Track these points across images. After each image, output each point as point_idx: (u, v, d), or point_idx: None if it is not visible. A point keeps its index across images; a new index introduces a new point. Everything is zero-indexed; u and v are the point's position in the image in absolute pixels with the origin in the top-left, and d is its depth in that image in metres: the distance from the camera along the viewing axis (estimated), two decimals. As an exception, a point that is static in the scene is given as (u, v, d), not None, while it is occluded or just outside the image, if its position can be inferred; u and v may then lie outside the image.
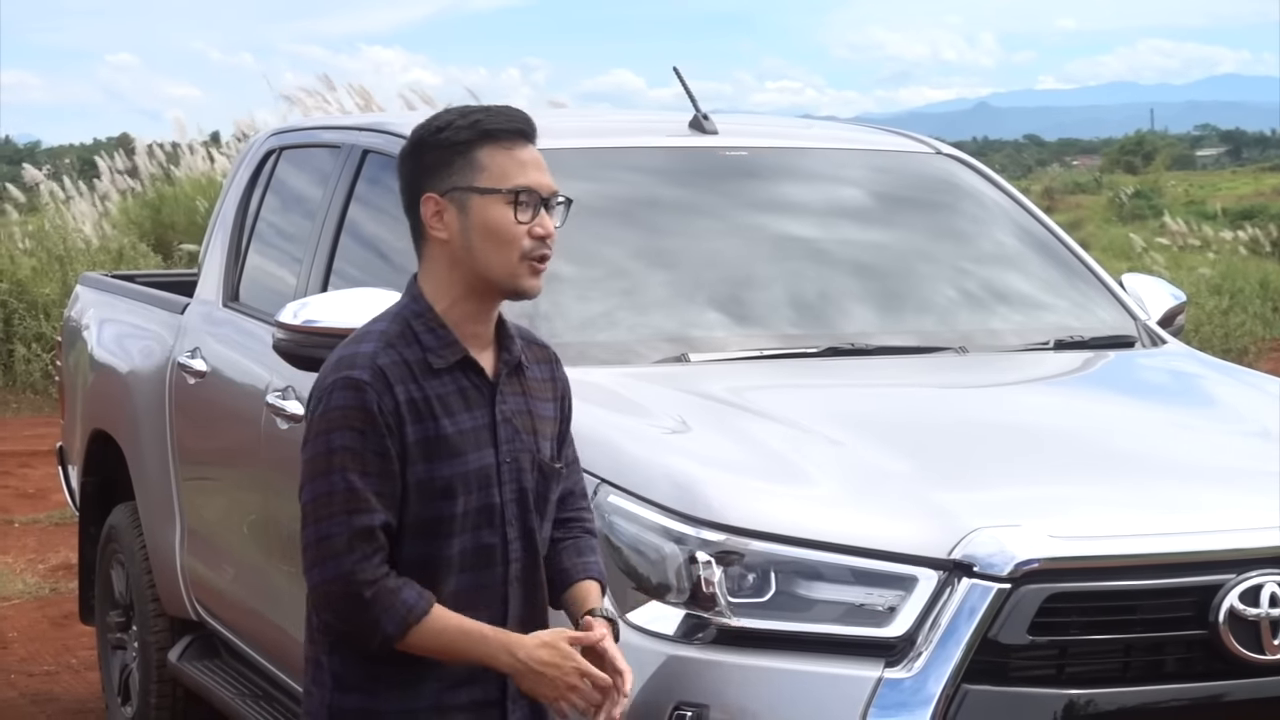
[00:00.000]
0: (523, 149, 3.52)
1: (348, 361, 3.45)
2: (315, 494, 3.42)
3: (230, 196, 6.92)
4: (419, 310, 3.51)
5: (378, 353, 3.44)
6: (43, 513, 11.58)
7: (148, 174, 19.67)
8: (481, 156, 3.49)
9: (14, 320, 16.47)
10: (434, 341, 3.48)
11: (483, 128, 3.50)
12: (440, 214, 3.50)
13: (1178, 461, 4.61)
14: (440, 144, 3.51)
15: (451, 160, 3.50)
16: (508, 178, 3.48)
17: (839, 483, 4.27)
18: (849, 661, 3.98)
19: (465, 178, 3.49)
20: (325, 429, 3.42)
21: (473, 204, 3.48)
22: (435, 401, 3.46)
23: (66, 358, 7.81)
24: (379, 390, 3.41)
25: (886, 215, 5.88)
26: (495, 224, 3.47)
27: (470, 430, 3.49)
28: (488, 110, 3.55)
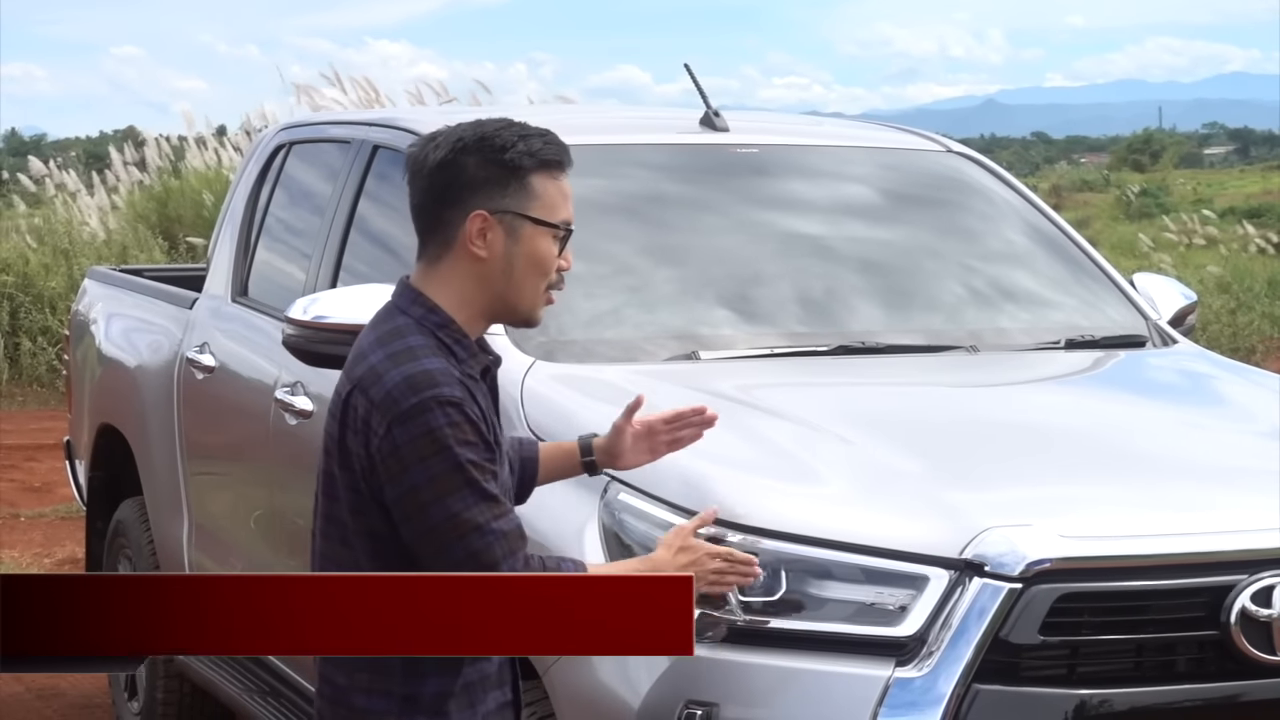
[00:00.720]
0: (565, 180, 3.50)
1: (425, 380, 3.34)
2: (452, 512, 3.34)
3: (239, 191, 6.91)
4: (441, 321, 3.44)
5: (447, 367, 3.37)
6: (49, 507, 11.58)
7: (155, 167, 19.67)
8: (536, 184, 3.45)
9: (20, 314, 16.47)
10: (463, 352, 3.44)
11: (542, 157, 3.45)
12: (485, 232, 3.44)
13: (1189, 462, 4.60)
14: (499, 161, 3.44)
15: (508, 182, 3.44)
16: (557, 211, 3.47)
17: (850, 481, 4.26)
18: (860, 661, 3.97)
19: (520, 203, 3.44)
20: (435, 450, 3.32)
21: (524, 231, 3.44)
22: (487, 407, 3.45)
23: (74, 352, 7.81)
24: (469, 402, 3.36)
25: (897, 213, 5.87)
26: (542, 256, 3.45)
27: (501, 438, 3.51)
28: (544, 136, 3.49)
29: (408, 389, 3.34)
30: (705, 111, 5.91)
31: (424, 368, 3.36)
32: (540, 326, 4.52)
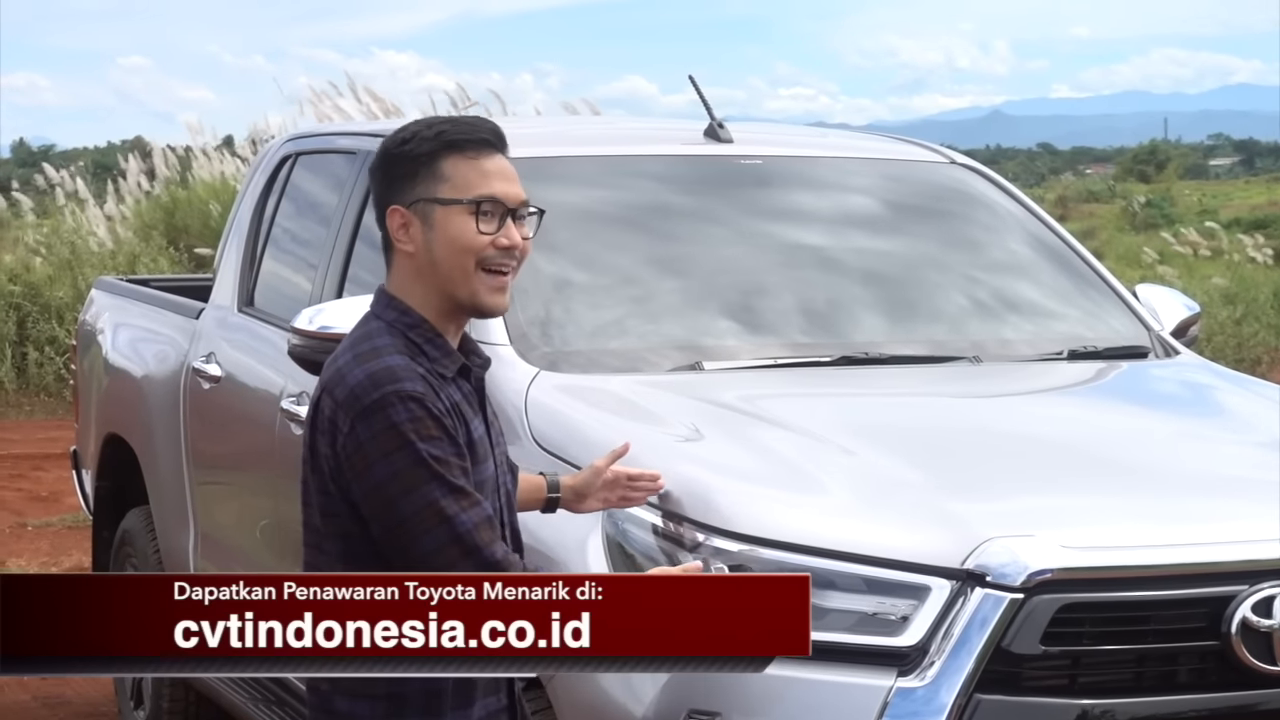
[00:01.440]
0: (489, 159, 3.44)
1: (387, 376, 3.34)
2: (419, 506, 3.33)
3: (246, 202, 6.93)
4: (413, 322, 3.43)
5: (410, 363, 3.37)
6: (56, 516, 11.60)
7: (162, 177, 19.71)
8: (445, 167, 3.42)
9: (27, 323, 16.50)
10: (436, 352, 3.43)
11: (447, 138, 3.43)
12: (406, 226, 3.44)
13: (1191, 473, 4.61)
14: (405, 155, 3.44)
15: (416, 171, 3.43)
16: (470, 188, 3.41)
17: (852, 492, 4.27)
18: (862, 670, 3.98)
19: (429, 189, 3.42)
20: (398, 445, 3.32)
21: (436, 215, 3.41)
22: (459, 407, 3.42)
23: (81, 362, 7.83)
24: (432, 397, 3.35)
25: (901, 224, 5.88)
26: (456, 234, 3.40)
27: (479, 437, 3.47)
28: (453, 120, 3.49)
29: (369, 385, 3.34)
30: (709, 123, 5.93)
31: (385, 364, 3.36)
32: (545, 337, 4.55)
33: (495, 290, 3.44)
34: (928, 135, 7.03)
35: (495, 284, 3.44)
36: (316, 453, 3.44)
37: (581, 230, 5.36)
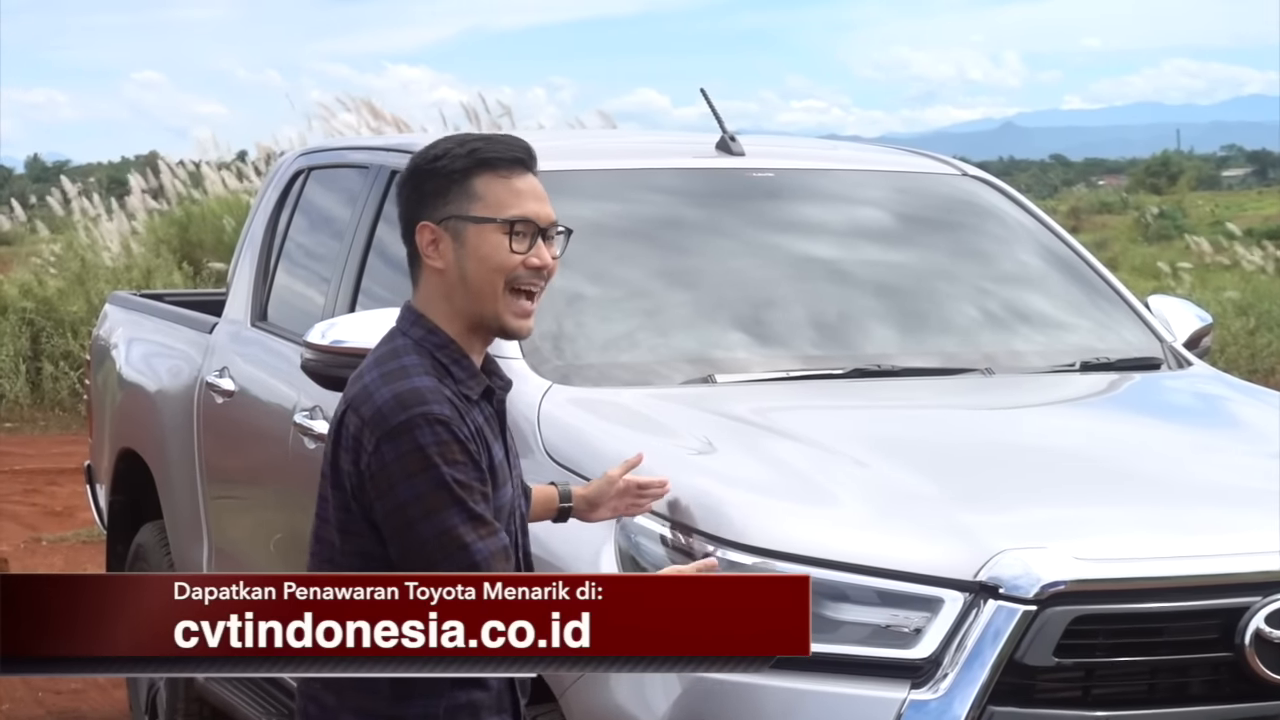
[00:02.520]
0: (521, 178, 3.45)
1: (414, 398, 3.34)
2: (438, 530, 3.33)
3: (259, 216, 6.94)
4: (440, 342, 3.44)
5: (438, 385, 3.37)
6: (70, 530, 11.61)
7: (174, 192, 19.74)
8: (478, 185, 3.43)
9: (42, 338, 16.53)
10: (462, 373, 3.43)
11: (480, 156, 3.44)
12: (436, 243, 3.44)
13: (1204, 484, 4.60)
14: (437, 172, 3.45)
15: (448, 189, 3.43)
16: (504, 207, 3.42)
17: (865, 504, 4.28)
18: (875, 683, 3.98)
19: (461, 206, 3.42)
20: (422, 468, 3.32)
21: (468, 233, 3.42)
22: (482, 431, 3.43)
23: (95, 376, 7.84)
24: (457, 421, 3.35)
25: (913, 237, 5.88)
26: (488, 253, 3.41)
27: (499, 461, 3.47)
28: (486, 139, 3.50)
29: (397, 406, 3.34)
30: (722, 136, 5.93)
31: (413, 385, 3.36)
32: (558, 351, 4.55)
33: (520, 314, 3.45)
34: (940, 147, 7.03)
35: (521, 308, 3.45)
36: (338, 469, 3.44)
37: (594, 244, 5.36)
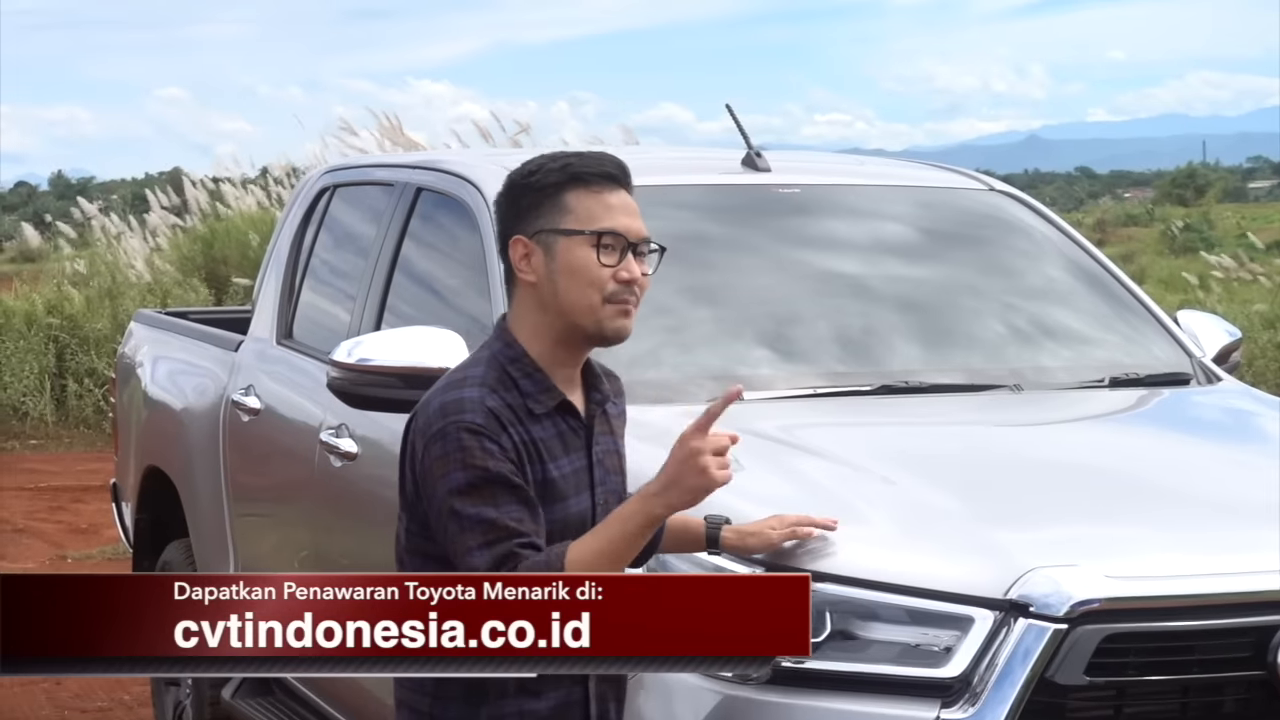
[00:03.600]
0: (613, 193, 3.53)
1: (454, 407, 3.45)
2: (452, 536, 3.43)
3: (284, 234, 6.94)
4: (514, 355, 3.52)
5: (484, 397, 3.45)
6: (95, 548, 11.62)
7: (198, 209, 19.78)
8: (569, 199, 3.50)
9: (66, 355, 16.56)
10: (532, 386, 3.50)
11: (572, 171, 3.52)
12: (528, 256, 3.52)
13: (1235, 501, 4.57)
14: (531, 187, 3.53)
15: (540, 203, 3.51)
16: (593, 220, 3.49)
17: (894, 522, 4.25)
18: (905, 702, 3.96)
19: (552, 220, 3.50)
20: (444, 473, 3.42)
21: (558, 246, 3.49)
22: (540, 445, 3.48)
23: (120, 394, 7.84)
24: (494, 432, 3.42)
25: (941, 252, 5.86)
26: (579, 265, 3.48)
27: (571, 474, 3.52)
28: (580, 155, 3.58)
29: (439, 414, 3.45)
30: (747, 151, 5.92)
31: (458, 395, 3.46)
32: None
33: (619, 315, 3.53)
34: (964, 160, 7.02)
35: (620, 311, 3.52)
36: (402, 474, 3.56)
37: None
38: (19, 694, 8.36)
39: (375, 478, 5.48)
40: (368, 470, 5.52)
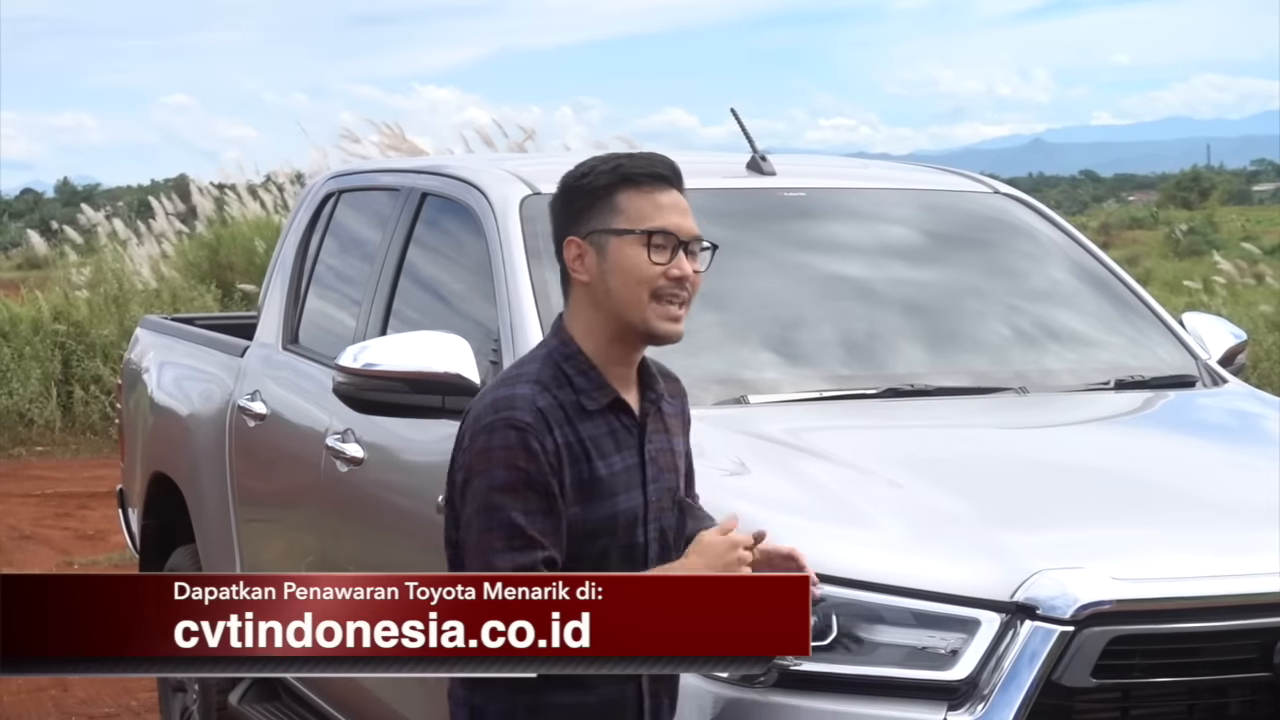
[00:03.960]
0: (663, 193, 3.58)
1: (506, 403, 3.50)
2: (478, 531, 3.47)
3: (289, 239, 6.95)
4: (569, 353, 3.57)
5: (536, 395, 3.50)
6: (102, 554, 11.62)
7: (204, 215, 19.79)
8: (620, 200, 3.56)
9: (72, 362, 16.57)
10: (586, 384, 3.55)
11: (623, 172, 3.57)
12: (581, 257, 3.58)
13: (1241, 503, 4.57)
14: (583, 189, 3.59)
15: (592, 205, 3.57)
16: (644, 219, 3.55)
17: (900, 525, 4.26)
18: (912, 705, 3.96)
19: (603, 220, 3.56)
20: (485, 467, 3.47)
21: (610, 245, 3.55)
22: (589, 443, 3.52)
23: (126, 400, 7.85)
24: (540, 432, 3.47)
25: (946, 255, 5.86)
26: (630, 264, 3.54)
27: (621, 471, 3.56)
28: (630, 156, 3.63)
29: (490, 408, 3.52)
30: (752, 155, 5.92)
31: (511, 391, 3.53)
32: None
33: (668, 319, 3.57)
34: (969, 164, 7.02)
35: (669, 313, 3.56)
36: (452, 465, 3.60)
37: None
38: (26, 700, 8.37)
39: (381, 483, 5.48)
40: (374, 475, 5.52)
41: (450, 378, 4.83)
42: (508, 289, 5.13)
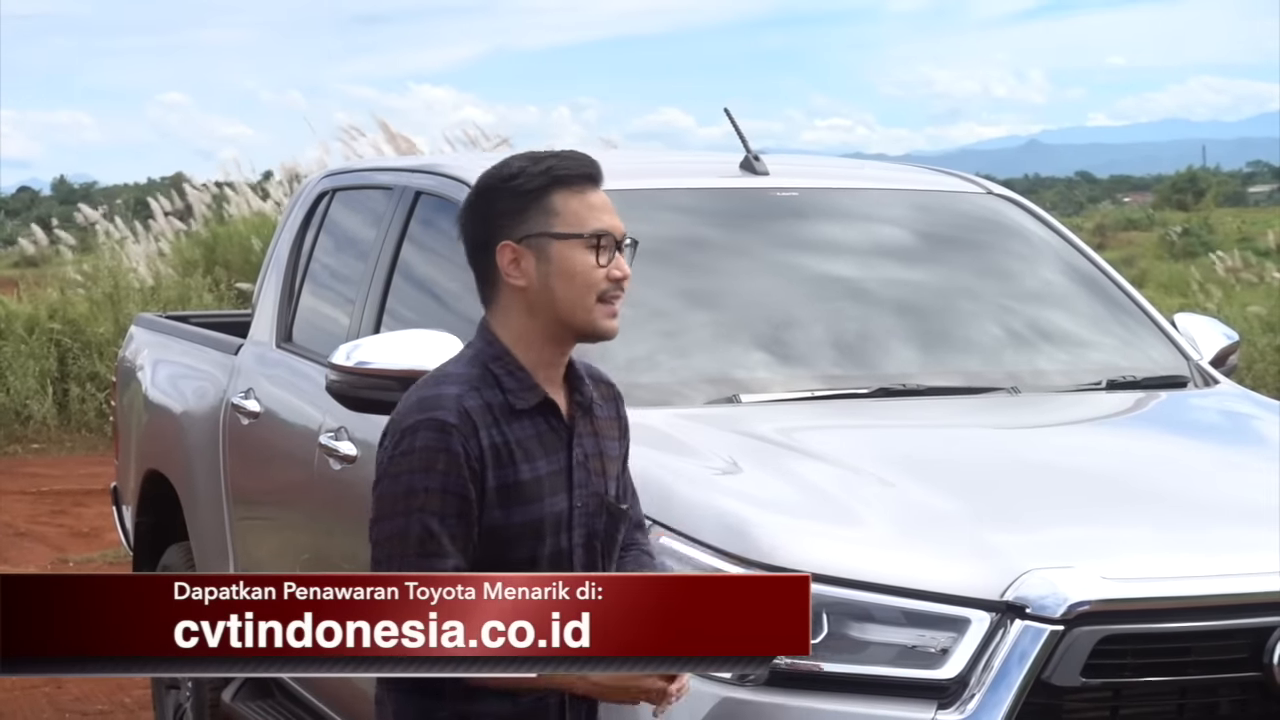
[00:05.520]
0: (593, 193, 3.52)
1: (431, 403, 3.44)
2: (390, 533, 3.42)
3: (284, 238, 6.95)
4: (497, 354, 3.51)
5: (463, 395, 3.45)
6: (97, 552, 11.63)
7: (201, 213, 19.79)
8: (555, 202, 3.49)
9: (68, 359, 16.57)
10: (514, 384, 3.49)
11: (555, 173, 3.50)
12: (517, 261, 3.50)
13: (1231, 503, 4.58)
14: (513, 191, 3.51)
15: (525, 207, 3.49)
16: (584, 222, 3.49)
17: (890, 524, 4.27)
18: (901, 703, 3.98)
19: (541, 224, 3.48)
20: (406, 469, 3.42)
21: (552, 250, 3.48)
22: (515, 447, 3.46)
23: (121, 398, 7.85)
24: (465, 433, 3.42)
25: (939, 255, 5.86)
26: (577, 268, 3.48)
27: (547, 475, 3.50)
28: (557, 155, 3.56)
29: (415, 408, 3.46)
30: (745, 155, 5.93)
31: (437, 392, 3.47)
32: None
33: (610, 316, 3.53)
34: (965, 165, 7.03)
35: (611, 311, 3.53)
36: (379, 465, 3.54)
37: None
38: (20, 697, 8.38)
39: (374, 481, 5.49)
40: (367, 473, 5.50)
41: None
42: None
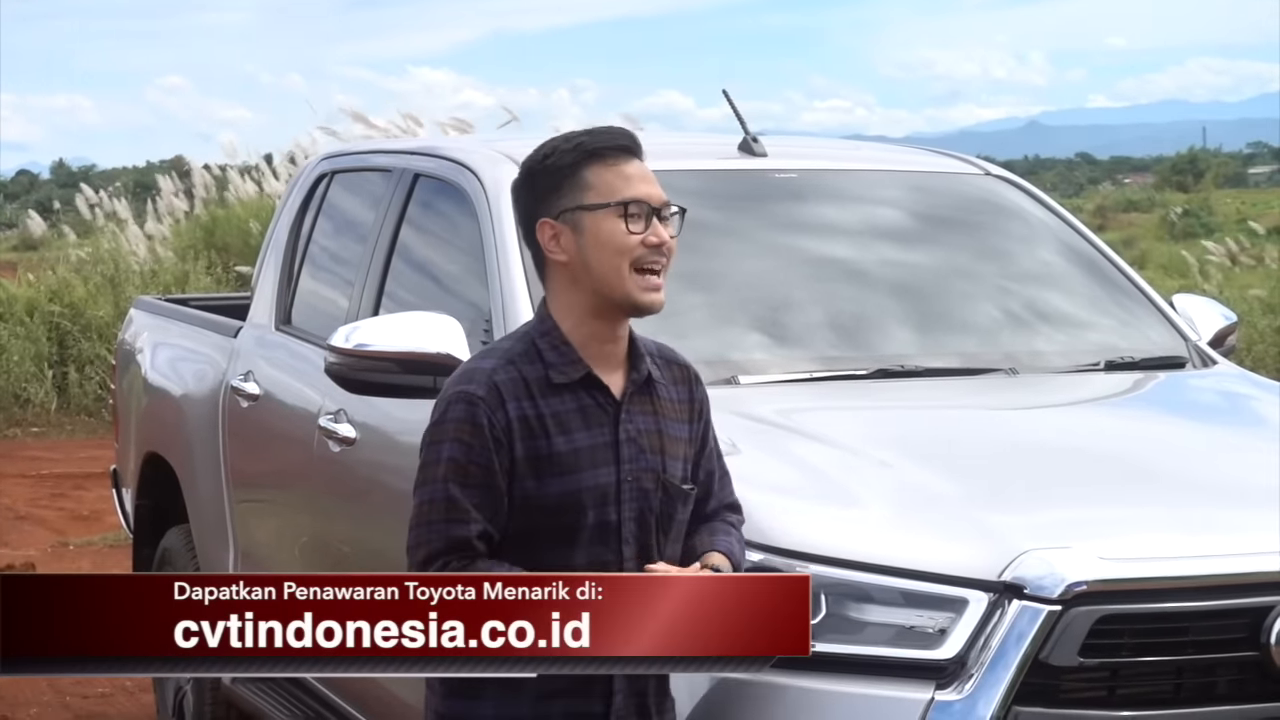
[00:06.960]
0: (628, 164, 3.61)
1: (467, 376, 3.58)
2: (420, 500, 3.54)
3: (283, 220, 6.95)
4: (545, 329, 3.61)
5: (496, 369, 3.56)
6: (97, 535, 11.64)
7: (201, 196, 19.78)
8: (588, 176, 3.59)
9: (68, 342, 16.57)
10: (557, 358, 3.59)
11: (586, 148, 3.60)
12: (557, 237, 3.60)
13: (1229, 483, 4.59)
14: (548, 170, 3.61)
15: (560, 184, 3.60)
16: (615, 192, 3.58)
17: (889, 505, 4.27)
18: (900, 684, 3.98)
19: (574, 198, 3.58)
20: (437, 439, 3.55)
21: (585, 222, 3.58)
22: (550, 419, 3.55)
23: (120, 381, 7.86)
24: (491, 406, 3.52)
25: (937, 236, 5.86)
26: (608, 236, 3.56)
27: (587, 448, 3.57)
28: (590, 131, 3.65)
29: (454, 380, 3.61)
30: (744, 137, 5.92)
31: (476, 365, 3.61)
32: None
33: (649, 289, 3.60)
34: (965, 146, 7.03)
35: (649, 284, 3.60)
36: None
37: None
38: (21, 681, 8.39)
39: (374, 463, 5.50)
40: (366, 455, 5.53)
41: (441, 358, 4.84)
42: (499, 270, 5.14)
